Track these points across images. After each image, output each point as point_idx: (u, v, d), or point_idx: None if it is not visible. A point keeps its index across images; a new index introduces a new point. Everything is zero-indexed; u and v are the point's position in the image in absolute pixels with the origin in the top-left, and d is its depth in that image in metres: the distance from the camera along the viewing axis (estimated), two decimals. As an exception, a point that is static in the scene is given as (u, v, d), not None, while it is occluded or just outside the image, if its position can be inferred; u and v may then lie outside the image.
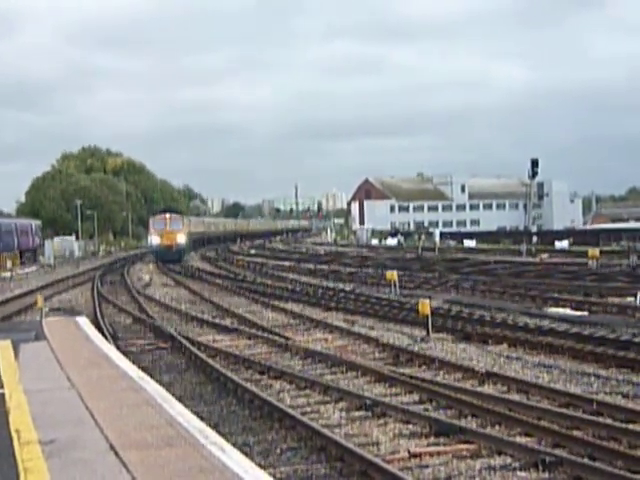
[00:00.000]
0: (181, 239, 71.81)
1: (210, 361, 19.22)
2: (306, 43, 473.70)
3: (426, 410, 14.01)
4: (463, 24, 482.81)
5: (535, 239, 79.80)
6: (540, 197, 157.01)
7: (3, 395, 11.78)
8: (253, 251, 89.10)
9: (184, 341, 22.40)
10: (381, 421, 13.49)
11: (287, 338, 22.98)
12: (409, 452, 11.45)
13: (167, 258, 67.91)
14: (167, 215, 74.49)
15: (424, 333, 22.65)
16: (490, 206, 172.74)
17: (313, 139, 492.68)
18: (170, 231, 70.93)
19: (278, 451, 11.92)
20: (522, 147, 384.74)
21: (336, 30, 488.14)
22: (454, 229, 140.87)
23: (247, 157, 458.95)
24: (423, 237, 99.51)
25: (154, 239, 71.68)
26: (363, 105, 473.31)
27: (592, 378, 16.45)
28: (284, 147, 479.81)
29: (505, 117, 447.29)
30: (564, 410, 13.37)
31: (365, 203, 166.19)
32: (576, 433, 11.91)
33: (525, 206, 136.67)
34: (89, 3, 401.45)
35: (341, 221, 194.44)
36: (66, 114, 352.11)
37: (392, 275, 34.14)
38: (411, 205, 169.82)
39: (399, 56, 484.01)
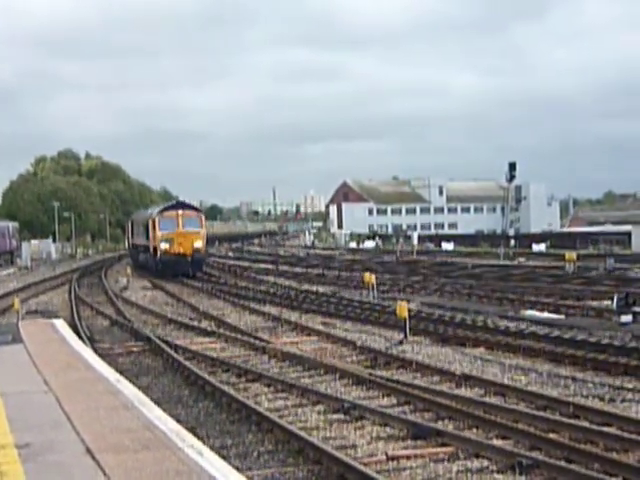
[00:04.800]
0: (199, 244, 52.22)
1: (188, 364, 19.17)
2: (258, 52, 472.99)
3: (403, 413, 14.03)
4: (414, 33, 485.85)
5: (513, 242, 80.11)
6: (518, 200, 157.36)
7: (-21, 398, 11.71)
8: (231, 254, 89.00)
9: (162, 344, 22.32)
10: (359, 424, 13.49)
11: (265, 341, 22.96)
12: (387, 455, 11.46)
13: (178, 271, 50.68)
14: (179, 211, 53.18)
15: (402, 336, 22.68)
16: (468, 209, 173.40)
17: (280, 143, 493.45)
18: (184, 233, 51.72)
19: (255, 454, 11.90)
20: (492, 152, 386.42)
21: (288, 39, 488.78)
22: (432, 232, 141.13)
23: (218, 160, 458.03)
24: (401, 240, 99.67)
25: (162, 245, 51.45)
26: (324, 110, 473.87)
27: (569, 381, 16.52)
28: (253, 151, 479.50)
29: (470, 123, 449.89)
30: (541, 413, 13.41)
31: (343, 206, 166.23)
32: (553, 436, 11.95)
33: (503, 209, 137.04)
34: (36, 8, 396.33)
35: (319, 224, 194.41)
36: (27, 118, 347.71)
37: (370, 278, 34.17)
38: (389, 208, 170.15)
39: (354, 64, 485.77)
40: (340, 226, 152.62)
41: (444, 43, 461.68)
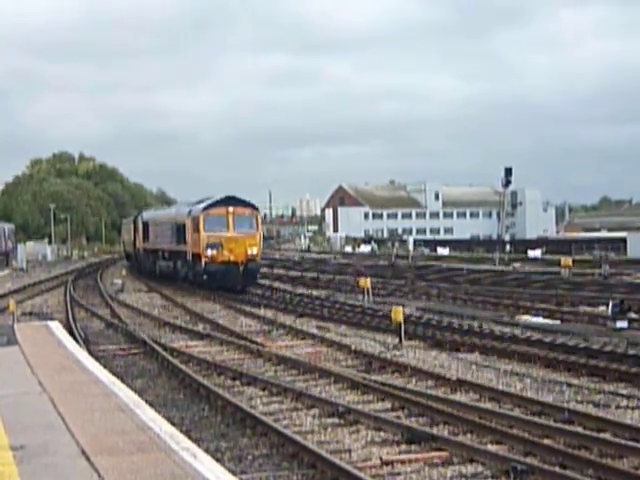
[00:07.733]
0: (254, 251, 41.96)
1: (182, 367, 19.15)
2: (241, 55, 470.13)
3: (398, 417, 14.03)
4: (397, 36, 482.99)
5: (508, 248, 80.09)
6: (513, 206, 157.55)
7: (-27, 400, 11.69)
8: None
9: (156, 347, 22.30)
10: (353, 428, 13.48)
11: (260, 344, 22.95)
12: (381, 459, 11.45)
13: (226, 284, 40.96)
14: (230, 208, 42.42)
15: (397, 340, 22.68)
16: (464, 214, 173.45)
17: (268, 146, 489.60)
18: (236, 237, 41.68)
19: (250, 457, 11.88)
20: (485, 157, 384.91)
21: (269, 43, 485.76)
22: (428, 237, 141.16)
23: (210, 162, 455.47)
24: (397, 244, 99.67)
25: (208, 251, 41.14)
26: (307, 114, 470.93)
27: (564, 386, 16.54)
28: (243, 153, 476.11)
29: (461, 128, 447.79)
30: (535, 418, 13.42)
31: (339, 210, 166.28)
32: (547, 441, 11.96)
33: (498, 214, 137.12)
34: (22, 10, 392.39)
35: (315, 228, 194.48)
36: (16, 120, 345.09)
37: (365, 282, 34.19)
38: (385, 212, 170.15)
39: (335, 68, 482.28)
40: (336, 230, 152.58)
41: (428, 47, 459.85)
